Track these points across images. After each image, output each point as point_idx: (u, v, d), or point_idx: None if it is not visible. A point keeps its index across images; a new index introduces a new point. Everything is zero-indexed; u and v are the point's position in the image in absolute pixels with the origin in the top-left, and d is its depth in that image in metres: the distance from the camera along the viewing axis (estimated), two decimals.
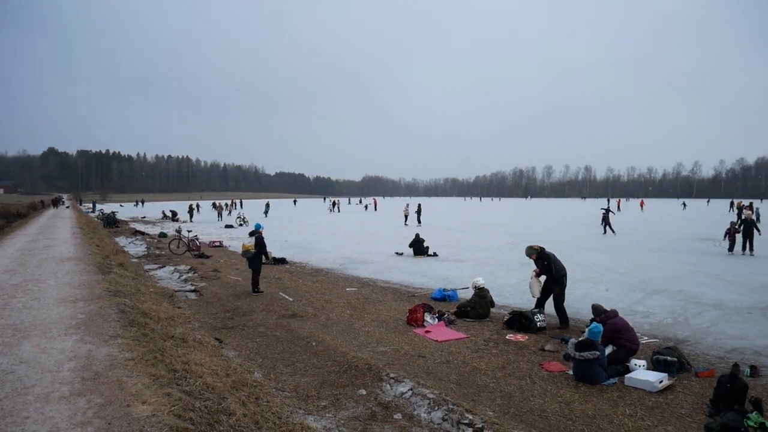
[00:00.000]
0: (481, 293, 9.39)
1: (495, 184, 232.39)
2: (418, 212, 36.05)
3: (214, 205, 54.98)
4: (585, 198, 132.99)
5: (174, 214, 46.99)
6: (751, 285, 11.79)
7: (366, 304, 10.43)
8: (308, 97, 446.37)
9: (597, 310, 7.19)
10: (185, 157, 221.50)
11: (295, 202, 54.59)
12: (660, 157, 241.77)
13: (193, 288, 12.15)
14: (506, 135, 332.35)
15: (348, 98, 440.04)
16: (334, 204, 66.07)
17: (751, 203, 38.11)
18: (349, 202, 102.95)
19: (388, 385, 5.77)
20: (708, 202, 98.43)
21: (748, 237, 17.42)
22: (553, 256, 8.72)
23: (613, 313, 6.92)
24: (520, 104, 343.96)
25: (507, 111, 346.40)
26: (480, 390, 5.79)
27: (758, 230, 17.74)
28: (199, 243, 21.01)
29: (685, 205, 69.32)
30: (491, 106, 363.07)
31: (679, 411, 5.09)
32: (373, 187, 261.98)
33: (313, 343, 7.54)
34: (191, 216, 43.85)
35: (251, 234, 11.75)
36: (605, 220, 26.63)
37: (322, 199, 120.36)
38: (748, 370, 6.08)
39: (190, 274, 14.31)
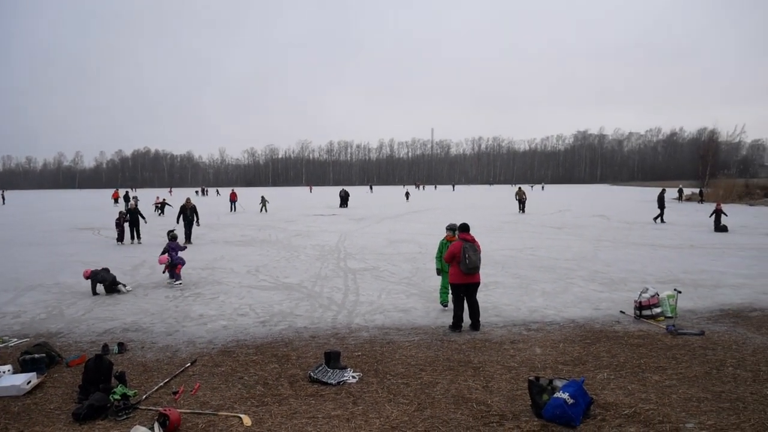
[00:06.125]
0: None
1: None
2: None
3: None
4: None
5: None
6: (123, 268, 12.91)
7: None
8: None
9: None
10: None
11: None
12: (39, 147, 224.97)
13: None
14: None
15: None
16: None
17: (131, 194, 42.12)
18: None
19: None
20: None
21: (135, 226, 18.65)
22: None
23: None
24: None
25: None
26: None
27: (144, 219, 19.28)
28: None
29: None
30: None
31: (49, 407, 5.03)
32: None
33: None
34: None
35: None
36: None
37: None
38: (117, 347, 6.71)
39: None
